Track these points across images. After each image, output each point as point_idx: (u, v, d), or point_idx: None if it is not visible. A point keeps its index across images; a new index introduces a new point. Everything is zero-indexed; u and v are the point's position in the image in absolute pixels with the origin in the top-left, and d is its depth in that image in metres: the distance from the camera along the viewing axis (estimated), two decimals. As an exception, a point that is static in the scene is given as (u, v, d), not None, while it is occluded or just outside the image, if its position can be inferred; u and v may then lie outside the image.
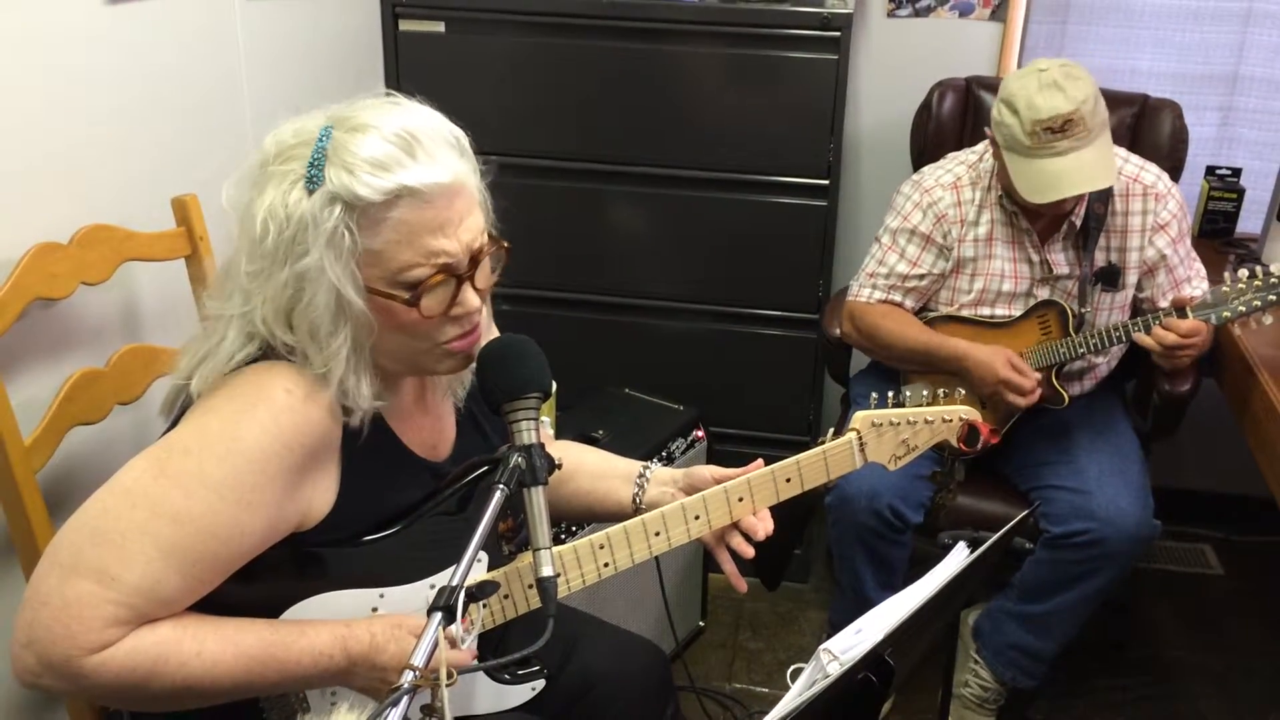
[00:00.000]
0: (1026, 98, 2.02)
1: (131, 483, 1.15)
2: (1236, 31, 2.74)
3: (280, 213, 1.15)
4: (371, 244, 1.16)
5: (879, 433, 1.51)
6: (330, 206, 1.14)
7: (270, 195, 1.16)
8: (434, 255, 1.18)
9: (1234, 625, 2.80)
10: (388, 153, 1.15)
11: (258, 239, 1.17)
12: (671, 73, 2.58)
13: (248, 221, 1.19)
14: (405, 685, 0.99)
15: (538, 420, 1.23)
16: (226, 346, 1.22)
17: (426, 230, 1.17)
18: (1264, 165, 2.79)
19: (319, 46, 2.38)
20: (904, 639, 1.26)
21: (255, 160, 1.21)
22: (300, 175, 1.15)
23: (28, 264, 1.51)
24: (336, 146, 1.16)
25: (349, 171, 1.14)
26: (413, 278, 1.18)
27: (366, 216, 1.15)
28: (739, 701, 2.50)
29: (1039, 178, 2.04)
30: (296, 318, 1.18)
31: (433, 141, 1.19)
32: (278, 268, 1.17)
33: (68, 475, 1.66)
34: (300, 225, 1.15)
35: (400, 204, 1.16)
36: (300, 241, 1.15)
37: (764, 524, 1.48)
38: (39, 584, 1.12)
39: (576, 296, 2.79)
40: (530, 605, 1.39)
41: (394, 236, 1.17)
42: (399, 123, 1.18)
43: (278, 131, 1.21)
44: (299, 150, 1.17)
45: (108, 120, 1.74)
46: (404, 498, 1.32)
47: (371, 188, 1.14)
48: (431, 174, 1.17)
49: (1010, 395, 2.15)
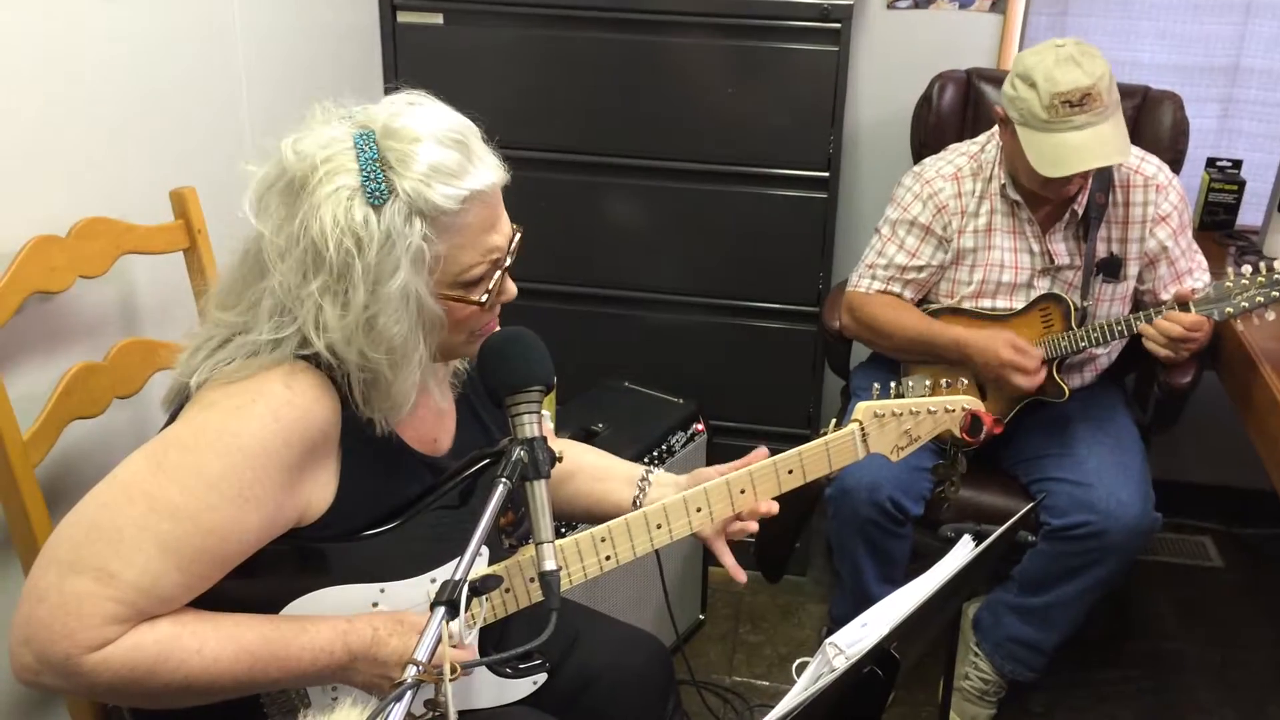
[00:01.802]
0: (1045, 71, 2.00)
1: (130, 478, 1.15)
2: (1237, 23, 2.73)
3: (351, 230, 1.12)
4: (439, 250, 1.17)
5: (881, 423, 1.50)
6: (410, 221, 1.13)
7: (328, 213, 1.12)
8: (490, 252, 1.21)
9: (1233, 617, 2.80)
10: (453, 159, 1.15)
11: (320, 257, 1.13)
12: (671, 65, 2.57)
13: (293, 238, 1.14)
14: (409, 680, 0.98)
15: (540, 413, 1.22)
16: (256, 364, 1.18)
17: (484, 229, 1.20)
18: (1265, 157, 2.79)
19: (317, 38, 2.37)
20: (909, 633, 1.25)
21: (276, 171, 1.17)
22: (354, 189, 1.13)
23: (25, 257, 1.50)
24: (397, 157, 1.14)
25: (423, 183, 1.13)
26: (473, 276, 1.21)
27: (437, 225, 1.15)
28: (739, 694, 2.50)
29: (1055, 152, 2.03)
30: (374, 337, 1.16)
31: (477, 141, 1.20)
32: (352, 287, 1.14)
33: (66, 469, 1.65)
34: (381, 243, 1.13)
35: (471, 209, 1.17)
36: (385, 261, 1.13)
37: (766, 504, 1.47)
38: (37, 581, 1.12)
39: (576, 289, 2.78)
40: (531, 599, 1.38)
41: (458, 240, 1.18)
42: (444, 125, 1.18)
43: (295, 144, 1.16)
44: (339, 162, 1.13)
45: (105, 113, 1.73)
46: (404, 492, 1.31)
47: (448, 197, 1.14)
48: (489, 175, 1.19)
49: (1015, 377, 2.14)
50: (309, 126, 1.18)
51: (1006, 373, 2.15)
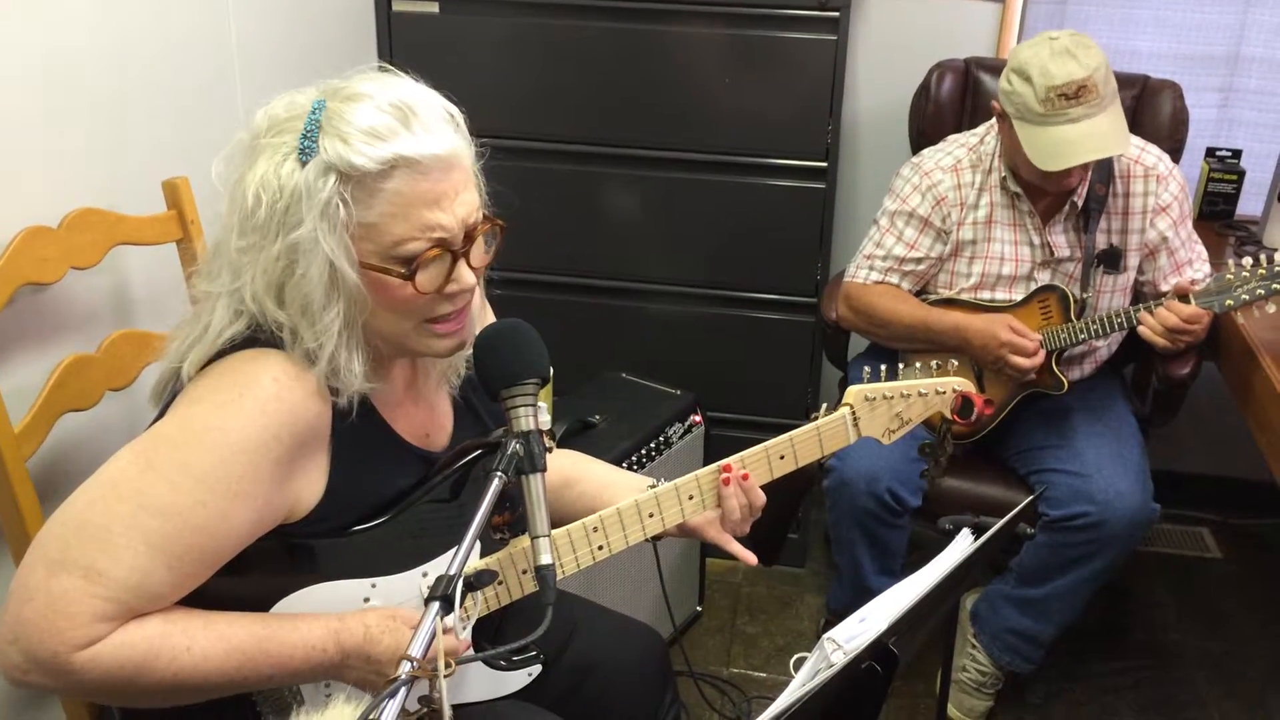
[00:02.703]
0: (1040, 64, 1.99)
1: (118, 475, 1.14)
2: (1237, 12, 2.72)
3: (273, 184, 1.14)
4: (366, 216, 1.15)
5: (872, 406, 1.50)
6: (324, 176, 1.12)
7: (262, 167, 1.15)
8: (429, 229, 1.17)
9: (1232, 608, 2.80)
10: (384, 122, 1.14)
11: (249, 212, 1.15)
12: (668, 54, 2.56)
13: (238, 195, 1.17)
14: (403, 676, 0.97)
15: (536, 406, 1.21)
16: (215, 324, 1.20)
17: (422, 203, 1.16)
18: (1264, 147, 2.78)
19: (312, 27, 2.35)
20: (908, 627, 1.25)
21: (245, 135, 1.19)
22: (293, 147, 1.14)
23: (16, 248, 1.49)
24: (330, 116, 1.14)
25: (344, 141, 1.13)
26: (407, 252, 1.17)
27: (362, 187, 1.13)
28: (736, 686, 2.50)
29: (1053, 145, 2.02)
30: (289, 292, 1.17)
31: (429, 113, 1.17)
32: (269, 240, 1.15)
33: (59, 462, 1.64)
34: (294, 196, 1.13)
35: (396, 175, 1.14)
36: (293, 212, 1.13)
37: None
38: (25, 579, 1.10)
39: (573, 280, 2.77)
40: (525, 591, 1.37)
41: (389, 209, 1.15)
42: (394, 93, 1.17)
43: (269, 106, 1.19)
44: (291, 123, 1.15)
45: (97, 103, 1.71)
46: (395, 486, 1.30)
47: (367, 156, 1.12)
48: (428, 145, 1.15)
49: (1014, 358, 2.13)
50: (289, 94, 1.19)
51: (1005, 354, 2.14)
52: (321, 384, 1.19)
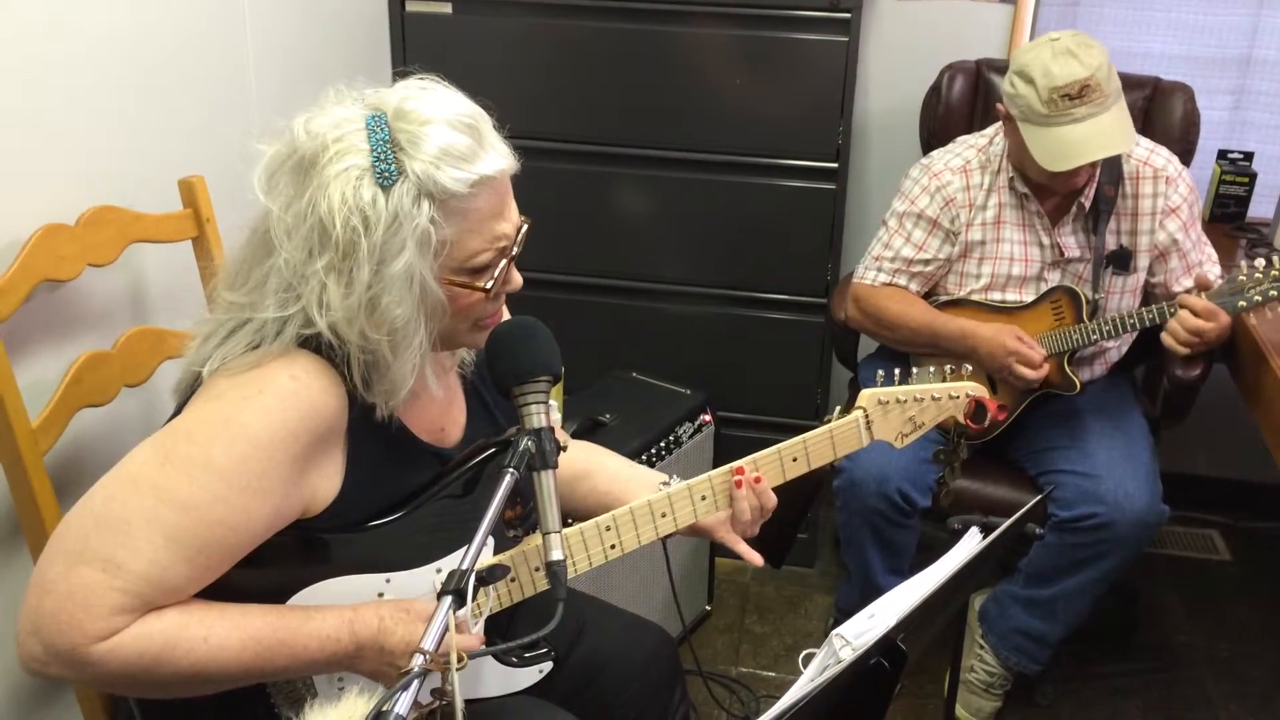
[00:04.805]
0: (1042, 66, 2.00)
1: (137, 469, 1.15)
2: (1250, 14, 2.72)
3: (358, 209, 1.12)
4: (446, 234, 1.17)
5: (885, 410, 1.50)
6: (418, 203, 1.13)
7: (336, 190, 1.13)
8: (498, 239, 1.21)
9: (1241, 610, 2.80)
10: (465, 143, 1.16)
11: (326, 236, 1.13)
12: (680, 55, 2.56)
13: (301, 217, 1.14)
14: (416, 669, 0.98)
15: (548, 404, 1.22)
16: (256, 336, 1.19)
17: (492, 216, 1.20)
18: (1276, 149, 2.78)
19: (326, 28, 2.37)
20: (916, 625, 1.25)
21: (287, 150, 1.17)
22: (364, 169, 1.13)
23: (34, 245, 1.50)
24: (407, 139, 1.14)
25: (433, 165, 1.14)
26: (479, 263, 1.21)
27: (446, 209, 1.16)
28: (745, 685, 2.50)
29: (1058, 146, 2.02)
30: (376, 318, 1.16)
31: (488, 126, 1.21)
32: (357, 267, 1.14)
33: (75, 457, 1.66)
34: (388, 224, 1.13)
35: (479, 195, 1.17)
36: (391, 241, 1.13)
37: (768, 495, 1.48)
38: (44, 571, 1.12)
39: (584, 280, 2.78)
40: (537, 588, 1.38)
41: (465, 225, 1.18)
42: (455, 110, 1.18)
43: (307, 123, 1.17)
44: (350, 143, 1.14)
45: (113, 102, 1.73)
46: (410, 482, 1.31)
47: (458, 180, 1.14)
48: (501, 161, 1.19)
49: (1020, 368, 2.14)
50: (321, 107, 1.19)
51: (1012, 363, 2.14)
52: (340, 381, 1.20)
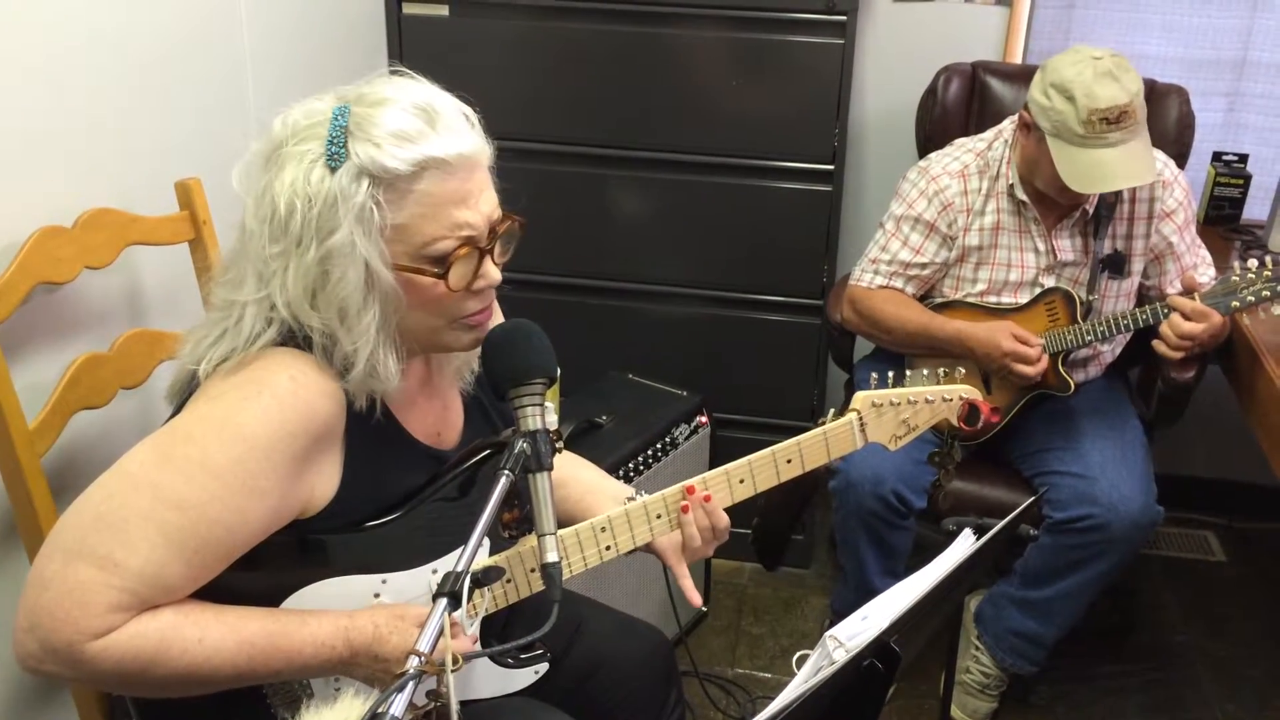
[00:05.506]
0: (1084, 86, 1.98)
1: (135, 468, 1.15)
2: (1244, 17, 2.72)
3: (304, 191, 1.15)
4: (397, 218, 1.17)
5: (879, 412, 1.51)
6: (357, 181, 1.14)
7: (290, 175, 1.16)
8: (458, 227, 1.20)
9: (1236, 611, 2.80)
10: (411, 124, 1.16)
11: (280, 220, 1.16)
12: (677, 57, 2.57)
13: (265, 204, 1.18)
14: (411, 671, 0.99)
15: (543, 406, 1.22)
16: (245, 331, 1.21)
17: (450, 202, 1.19)
18: (1271, 151, 2.78)
19: (323, 30, 2.37)
20: (910, 626, 1.26)
21: (264, 144, 1.20)
22: (319, 154, 1.16)
23: (31, 248, 1.51)
24: (358, 121, 1.16)
25: (374, 145, 1.15)
26: (438, 251, 1.19)
27: (393, 190, 1.16)
28: (741, 686, 2.51)
29: (1089, 169, 2.01)
30: (323, 297, 1.18)
31: (451, 114, 1.20)
32: (304, 248, 1.16)
33: (72, 459, 1.66)
34: (328, 202, 1.15)
35: (426, 176, 1.17)
36: (328, 218, 1.15)
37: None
38: (42, 568, 1.12)
39: (580, 281, 2.79)
40: (532, 589, 1.39)
41: (419, 210, 1.17)
42: (417, 96, 1.19)
43: (285, 115, 1.20)
44: (313, 130, 1.17)
45: (110, 104, 1.73)
46: (407, 483, 1.31)
47: (398, 159, 1.15)
48: (455, 144, 1.18)
49: (1018, 366, 2.14)
50: (304, 102, 1.21)
51: (1009, 363, 2.15)
52: (337, 382, 1.21)
